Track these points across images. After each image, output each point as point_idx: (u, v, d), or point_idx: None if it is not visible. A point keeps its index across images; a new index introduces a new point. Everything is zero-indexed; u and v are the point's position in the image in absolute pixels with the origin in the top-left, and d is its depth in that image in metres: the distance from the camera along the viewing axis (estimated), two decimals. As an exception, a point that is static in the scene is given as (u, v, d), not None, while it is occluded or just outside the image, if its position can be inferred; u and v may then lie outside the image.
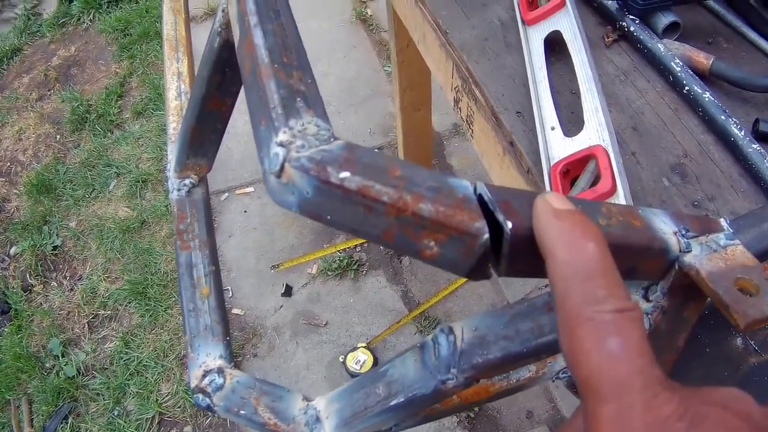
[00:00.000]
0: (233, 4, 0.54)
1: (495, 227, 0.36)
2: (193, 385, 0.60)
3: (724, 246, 0.44)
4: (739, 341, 0.63)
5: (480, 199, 0.37)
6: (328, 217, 0.38)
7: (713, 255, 0.43)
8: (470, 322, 0.47)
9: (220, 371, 0.60)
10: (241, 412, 0.57)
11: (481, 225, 0.35)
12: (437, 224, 0.35)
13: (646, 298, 0.47)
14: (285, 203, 0.39)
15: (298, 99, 0.41)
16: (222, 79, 0.65)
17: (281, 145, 0.38)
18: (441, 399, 0.47)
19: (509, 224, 0.35)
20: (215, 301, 0.67)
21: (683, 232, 0.44)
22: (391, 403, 0.47)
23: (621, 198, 0.74)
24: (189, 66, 0.95)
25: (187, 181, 0.76)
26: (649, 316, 0.47)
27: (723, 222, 0.47)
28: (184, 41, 0.99)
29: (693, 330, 0.50)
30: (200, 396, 0.59)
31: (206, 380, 0.60)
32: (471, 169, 2.73)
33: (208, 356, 0.62)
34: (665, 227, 0.44)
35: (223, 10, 0.60)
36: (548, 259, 0.35)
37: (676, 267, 0.43)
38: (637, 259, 0.43)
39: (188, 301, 0.66)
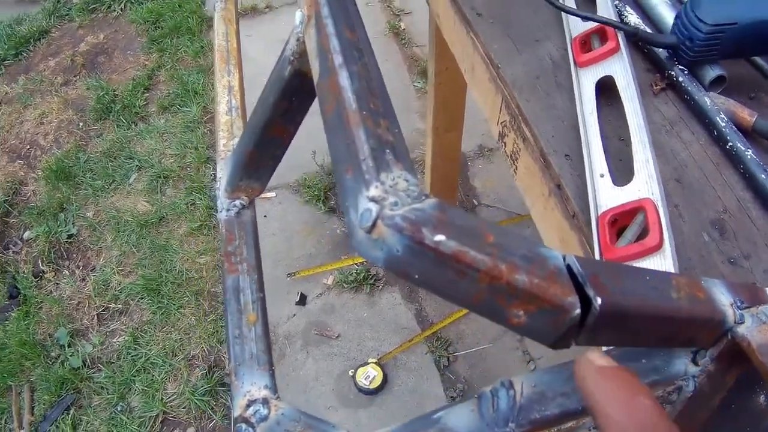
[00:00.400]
0: (312, 38, 0.54)
1: (582, 300, 0.36)
2: (236, 414, 0.60)
3: None
4: (762, 398, 0.63)
5: (569, 269, 0.37)
6: (416, 277, 0.38)
7: (763, 327, 0.44)
8: (530, 378, 0.48)
9: (265, 402, 0.60)
10: None
11: (574, 300, 0.35)
12: (530, 296, 0.35)
13: (694, 362, 0.48)
14: (371, 257, 0.38)
15: (387, 151, 0.41)
16: (289, 106, 0.65)
17: (374, 200, 0.37)
18: (494, 452, 0.48)
19: (599, 300, 0.35)
20: (261, 329, 0.66)
21: (738, 304, 0.45)
22: (443, 452, 0.48)
23: (667, 254, 0.74)
24: (240, 79, 0.95)
25: (237, 202, 0.76)
26: (696, 379, 0.48)
27: (768, 292, 0.48)
28: (235, 53, 0.99)
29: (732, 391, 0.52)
30: (243, 426, 0.58)
31: (251, 410, 0.59)
32: (493, 192, 2.73)
33: (253, 386, 0.62)
34: (723, 299, 0.45)
35: (298, 39, 0.60)
36: (601, 419, 0.35)
37: (729, 336, 0.44)
38: (698, 330, 0.44)
39: (234, 327, 0.66)
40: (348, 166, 0.41)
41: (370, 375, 2.21)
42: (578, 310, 0.35)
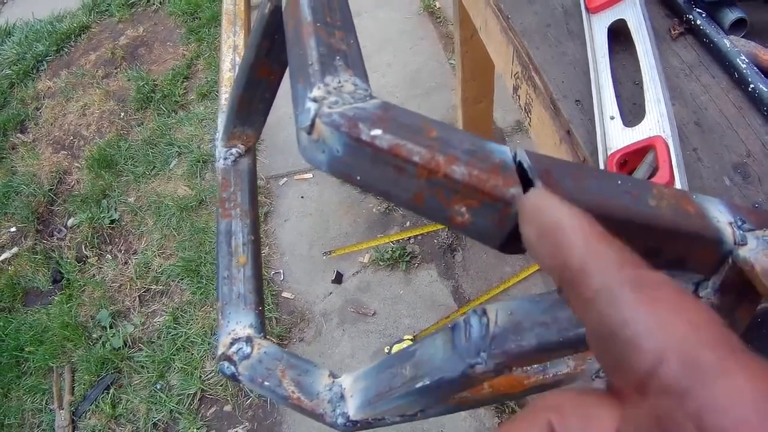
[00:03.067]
0: (283, -32, 0.53)
1: None
2: (219, 352, 0.59)
3: None
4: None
5: (519, 166, 0.34)
6: (358, 178, 0.36)
7: None
8: (506, 305, 0.45)
9: (248, 340, 0.59)
10: (266, 383, 0.55)
11: (516, 191, 0.33)
12: (470, 188, 0.33)
13: (696, 294, 0.44)
14: (315, 161, 0.37)
15: (338, 57, 0.40)
16: (271, 45, 0.64)
17: (314, 100, 0.36)
18: (470, 385, 0.45)
19: None
20: (251, 271, 0.66)
21: (739, 224, 0.41)
22: (417, 386, 0.45)
23: (678, 192, 0.71)
24: (245, 39, 0.95)
25: (233, 150, 0.75)
26: None
27: (785, 221, 0.44)
28: (242, 15, 0.98)
29: (745, 336, 0.47)
30: (226, 364, 0.58)
31: (233, 348, 0.59)
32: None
33: (238, 324, 0.61)
34: (721, 216, 0.41)
35: (274, -25, 0.59)
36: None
37: (730, 261, 0.41)
38: (687, 248, 0.40)
39: (224, 268, 0.66)
40: (299, 75, 0.40)
41: (405, 351, 2.19)
42: None
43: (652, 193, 0.38)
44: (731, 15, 0.91)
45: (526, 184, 0.34)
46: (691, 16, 0.93)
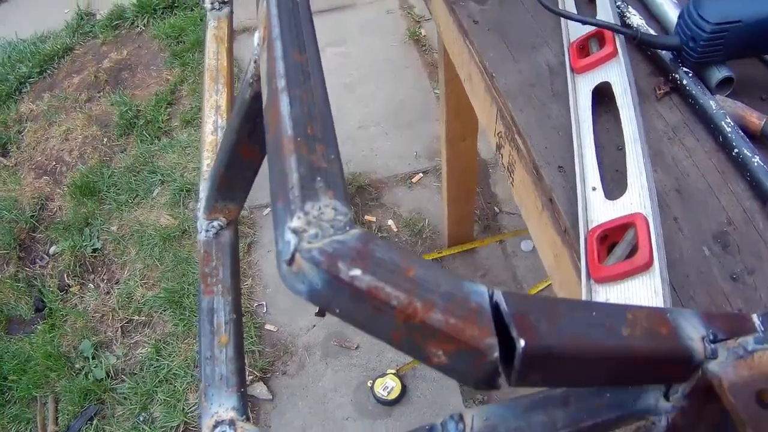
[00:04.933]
0: (264, 61, 0.53)
1: (509, 339, 0.34)
2: None
3: (752, 351, 0.42)
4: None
5: (496, 307, 0.35)
6: (337, 311, 0.36)
7: (739, 362, 0.41)
8: (482, 411, 0.46)
9: (231, 423, 0.60)
10: None
11: (491, 342, 0.33)
12: (446, 336, 0.33)
13: (666, 397, 0.45)
14: (295, 289, 0.37)
15: (318, 178, 0.40)
16: (253, 128, 0.64)
17: (294, 232, 0.36)
18: (446, 487, 0.46)
19: (522, 342, 0.33)
20: (233, 351, 0.66)
21: (711, 337, 0.42)
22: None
23: (656, 273, 0.71)
24: (228, 98, 0.94)
25: (215, 223, 0.75)
26: (668, 415, 0.45)
27: (756, 320, 0.45)
28: (225, 72, 0.98)
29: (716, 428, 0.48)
30: None
31: (217, 431, 0.59)
32: (514, 200, 2.69)
33: (221, 407, 0.62)
34: (693, 332, 0.42)
35: (255, 62, 0.59)
36: None
37: (700, 372, 0.41)
38: (662, 368, 0.41)
39: (206, 348, 0.66)
40: (279, 194, 0.40)
41: (388, 386, 2.19)
42: (497, 354, 0.33)
43: (626, 321, 0.39)
44: (718, 74, 0.91)
45: (503, 327, 0.34)
46: (677, 75, 0.94)
